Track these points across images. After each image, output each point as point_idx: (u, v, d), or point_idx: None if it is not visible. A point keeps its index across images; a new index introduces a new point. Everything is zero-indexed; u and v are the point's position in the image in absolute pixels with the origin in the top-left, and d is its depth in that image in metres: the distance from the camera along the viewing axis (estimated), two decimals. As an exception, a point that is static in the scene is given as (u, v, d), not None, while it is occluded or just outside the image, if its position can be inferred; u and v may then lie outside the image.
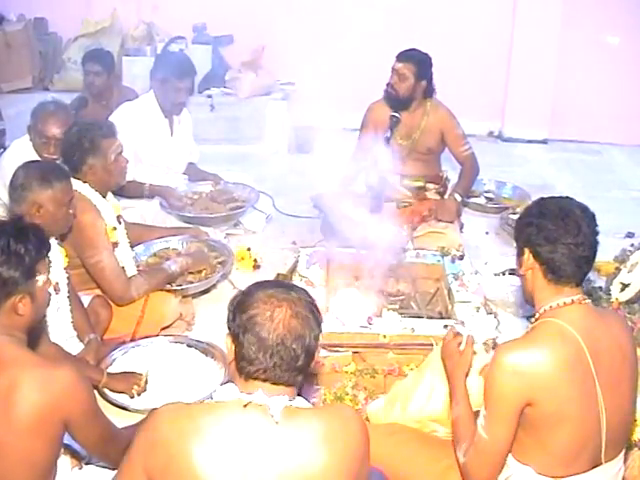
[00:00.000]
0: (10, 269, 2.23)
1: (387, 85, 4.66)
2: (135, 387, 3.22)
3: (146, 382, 3.26)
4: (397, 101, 4.64)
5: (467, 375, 2.57)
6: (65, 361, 2.68)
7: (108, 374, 3.22)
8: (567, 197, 2.41)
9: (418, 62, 4.57)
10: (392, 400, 2.91)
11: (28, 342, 2.34)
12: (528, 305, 2.49)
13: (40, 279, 2.33)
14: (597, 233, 2.32)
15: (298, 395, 1.95)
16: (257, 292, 1.91)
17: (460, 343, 2.63)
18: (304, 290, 1.99)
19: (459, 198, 4.75)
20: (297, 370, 1.87)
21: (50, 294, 2.49)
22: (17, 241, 2.26)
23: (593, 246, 2.30)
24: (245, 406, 1.83)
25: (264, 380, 1.86)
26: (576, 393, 2.20)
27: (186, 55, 5.44)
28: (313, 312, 1.92)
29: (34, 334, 2.52)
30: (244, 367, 1.87)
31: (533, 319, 2.37)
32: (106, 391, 3.17)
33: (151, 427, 1.89)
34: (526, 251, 2.34)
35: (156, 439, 1.85)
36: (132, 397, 3.20)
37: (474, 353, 2.64)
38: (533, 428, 2.24)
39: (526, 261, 2.34)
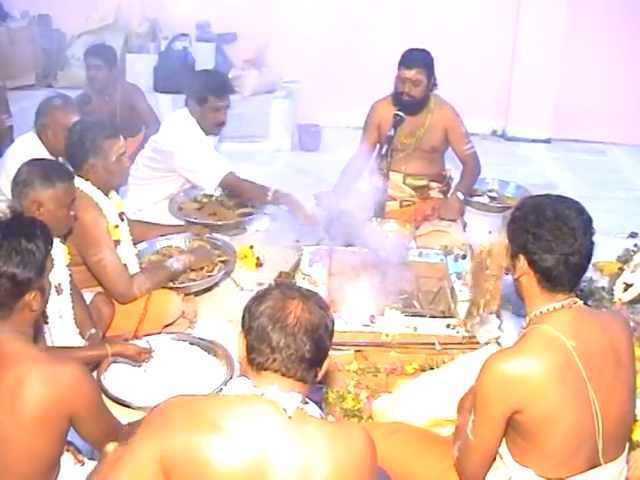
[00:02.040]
0: (25, 269, 2.25)
1: (400, 94, 4.60)
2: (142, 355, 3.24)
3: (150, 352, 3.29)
4: (414, 105, 4.61)
5: None
6: (70, 358, 2.68)
7: (111, 345, 3.21)
8: (563, 198, 2.39)
9: (426, 63, 4.56)
10: (405, 398, 2.95)
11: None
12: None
13: (47, 272, 2.35)
14: (592, 234, 2.31)
15: (312, 401, 1.98)
16: (273, 289, 1.98)
17: None
18: (316, 293, 2.04)
19: (461, 197, 4.75)
20: (307, 363, 1.89)
21: (51, 283, 2.50)
22: (28, 240, 2.28)
23: (588, 252, 2.30)
24: (261, 396, 1.86)
25: (275, 371, 1.89)
26: (566, 398, 2.21)
27: (221, 72, 5.27)
28: (325, 310, 1.96)
29: (36, 330, 2.53)
30: (254, 359, 1.90)
31: (524, 324, 2.38)
32: (108, 388, 3.17)
33: (163, 415, 1.88)
34: (521, 257, 2.33)
35: (168, 426, 1.85)
36: (140, 363, 3.25)
37: None
38: (526, 432, 2.25)
39: (521, 267, 2.34)
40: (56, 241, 3.19)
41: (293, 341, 1.87)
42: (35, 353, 2.23)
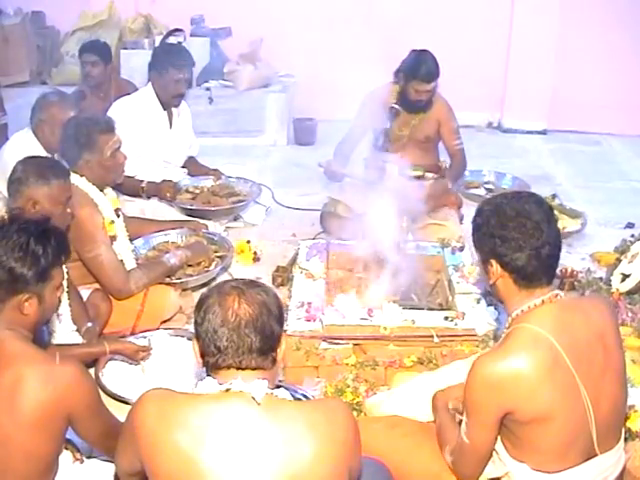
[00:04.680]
0: (24, 267, 2.24)
1: (414, 102, 4.62)
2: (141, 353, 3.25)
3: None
4: (426, 105, 4.65)
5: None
6: (69, 357, 2.67)
7: (109, 343, 3.21)
8: (518, 193, 2.40)
9: (439, 70, 4.57)
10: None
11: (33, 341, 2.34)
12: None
13: (52, 284, 2.33)
14: (556, 222, 2.32)
15: (285, 388, 2.00)
16: (212, 289, 2.00)
17: None
18: (257, 281, 2.06)
19: (450, 184, 4.77)
20: (257, 352, 1.91)
21: (60, 301, 2.49)
22: (37, 242, 2.28)
23: (556, 241, 2.30)
24: (227, 391, 1.88)
25: (229, 367, 1.91)
26: (557, 395, 2.20)
27: (183, 46, 5.42)
28: (267, 295, 1.97)
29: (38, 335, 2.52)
30: (208, 361, 1.94)
31: (507, 324, 2.37)
32: (106, 385, 3.16)
33: (137, 412, 1.94)
34: (493, 262, 2.32)
35: (141, 424, 1.91)
36: (139, 361, 3.25)
37: None
38: (519, 430, 2.26)
39: (495, 272, 2.33)
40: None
41: (237, 337, 1.89)
42: (33, 353, 2.22)
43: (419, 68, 4.55)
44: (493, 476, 2.37)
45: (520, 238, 2.25)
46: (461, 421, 2.37)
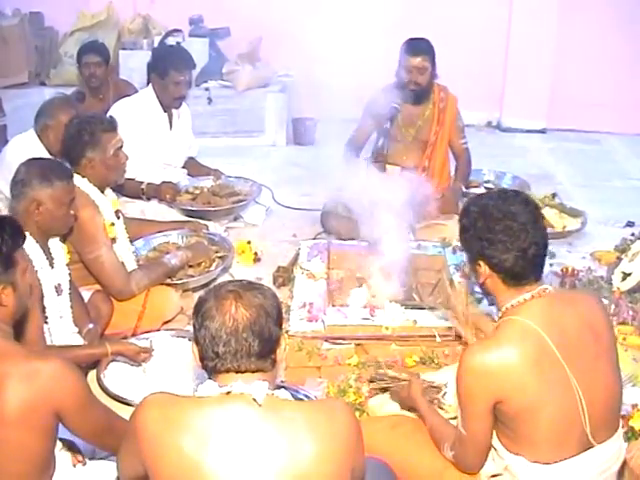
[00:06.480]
0: None
1: (406, 84, 4.61)
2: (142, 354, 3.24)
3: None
4: (421, 94, 4.64)
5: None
6: (53, 354, 2.64)
7: (111, 344, 3.20)
8: (504, 193, 2.41)
9: (429, 50, 4.59)
10: None
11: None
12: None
13: (19, 269, 2.31)
14: (542, 219, 2.34)
15: (286, 389, 2.02)
16: (209, 293, 1.98)
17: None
18: (255, 283, 2.04)
19: (462, 189, 4.77)
20: (256, 356, 1.90)
21: (32, 286, 2.48)
22: None
23: (543, 241, 2.32)
24: (228, 394, 1.88)
25: (227, 371, 1.90)
26: (545, 386, 2.22)
27: (184, 48, 5.42)
28: (264, 297, 1.96)
29: (19, 329, 2.51)
30: (207, 365, 1.94)
31: (497, 318, 2.40)
32: (108, 386, 3.15)
33: (140, 416, 1.93)
34: (481, 263, 2.35)
35: (144, 428, 1.90)
36: (140, 362, 3.24)
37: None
38: (511, 422, 2.28)
39: (483, 272, 2.36)
40: (56, 240, 3.19)
41: (235, 342, 1.88)
42: (15, 349, 2.21)
43: (406, 44, 4.61)
44: (494, 473, 2.39)
45: (507, 240, 2.27)
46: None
